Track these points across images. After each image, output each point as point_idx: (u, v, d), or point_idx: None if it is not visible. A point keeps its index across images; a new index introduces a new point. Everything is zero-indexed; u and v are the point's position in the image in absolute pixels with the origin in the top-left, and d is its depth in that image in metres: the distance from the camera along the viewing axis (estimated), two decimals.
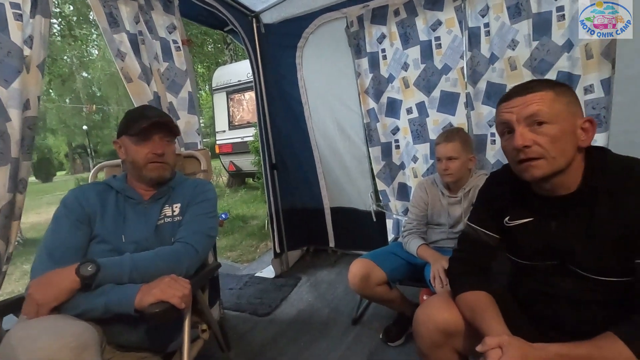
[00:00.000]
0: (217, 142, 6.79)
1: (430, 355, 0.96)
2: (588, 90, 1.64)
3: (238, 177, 7.61)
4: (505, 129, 0.83)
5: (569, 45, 1.66)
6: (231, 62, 9.72)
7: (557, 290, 0.87)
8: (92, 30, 10.52)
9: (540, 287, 0.91)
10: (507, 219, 0.94)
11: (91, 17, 9.98)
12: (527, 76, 1.76)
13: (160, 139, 1.15)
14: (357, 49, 2.25)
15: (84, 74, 18.22)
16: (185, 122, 1.89)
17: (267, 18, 2.50)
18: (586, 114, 1.66)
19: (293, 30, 2.45)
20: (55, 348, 0.71)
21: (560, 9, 1.65)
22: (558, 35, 1.67)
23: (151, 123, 1.11)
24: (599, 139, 1.64)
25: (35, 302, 0.86)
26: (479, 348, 0.74)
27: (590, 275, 0.80)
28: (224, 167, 7.14)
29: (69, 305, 0.89)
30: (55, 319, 0.84)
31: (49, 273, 0.91)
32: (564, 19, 1.65)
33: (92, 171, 1.48)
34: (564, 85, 0.82)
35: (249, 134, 5.91)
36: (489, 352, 0.71)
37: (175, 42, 1.87)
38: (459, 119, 2.02)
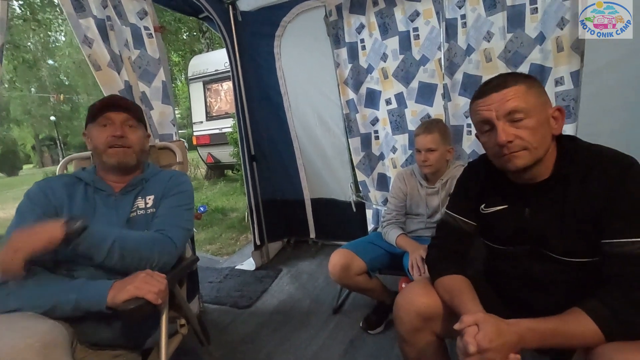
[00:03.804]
0: (195, 134, 6.62)
1: (410, 339, 0.98)
2: (559, 82, 1.70)
3: (217, 169, 7.47)
4: (485, 125, 0.86)
5: (541, 38, 1.70)
6: (207, 51, 9.43)
7: (530, 273, 0.91)
8: (57, 14, 9.93)
9: (513, 271, 0.95)
10: (483, 206, 0.98)
11: (56, 0, 9.43)
12: (501, 68, 1.80)
13: (122, 123, 1.10)
14: (336, 39, 2.23)
15: (50, 62, 17.26)
16: (160, 112, 1.83)
17: (244, 5, 2.43)
18: (557, 105, 1.71)
19: (271, 18, 2.40)
20: (20, 348, 0.68)
21: (533, 2, 1.69)
22: (531, 28, 1.72)
23: (106, 103, 1.08)
24: (568, 129, 1.71)
25: (13, 248, 0.81)
26: (456, 326, 0.77)
27: (561, 257, 0.85)
28: (202, 159, 6.98)
29: (37, 301, 0.86)
30: (20, 318, 0.80)
31: (36, 224, 0.86)
32: (537, 12, 1.69)
33: (60, 164, 1.41)
34: (532, 77, 0.86)
35: (227, 125, 5.79)
36: (467, 329, 0.75)
37: (147, 28, 1.79)
38: (436, 110, 2.05)
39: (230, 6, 2.40)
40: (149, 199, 1.13)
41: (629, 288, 0.73)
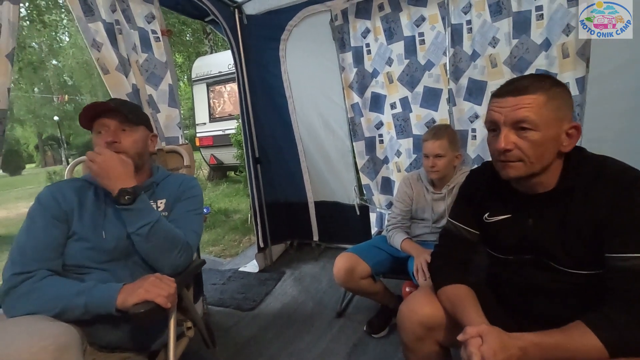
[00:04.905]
0: (198, 135, 6.64)
1: (413, 348, 0.99)
2: None
3: (219, 171, 7.49)
4: (492, 126, 0.85)
5: (546, 44, 1.71)
6: (211, 53, 9.48)
7: (533, 283, 0.91)
8: (63, 15, 10.00)
9: (516, 280, 0.94)
10: (486, 215, 0.97)
11: (61, 1, 9.51)
12: (507, 74, 1.80)
13: (116, 127, 1.09)
14: (342, 43, 2.24)
15: (54, 62, 17.34)
16: (166, 115, 1.84)
17: (249, 9, 2.45)
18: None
19: (277, 22, 2.41)
20: (34, 351, 0.69)
21: (539, 8, 1.69)
22: (537, 34, 1.72)
23: (96, 110, 1.07)
24: None
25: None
26: (460, 337, 0.77)
27: (563, 268, 0.84)
28: (205, 160, 7.00)
29: (47, 304, 0.87)
30: (33, 321, 0.81)
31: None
32: (543, 18, 1.69)
33: (68, 167, 1.42)
34: (560, 86, 0.81)
35: (230, 127, 5.81)
36: (470, 340, 0.74)
37: (154, 32, 1.81)
38: (441, 115, 2.06)
39: (236, 10, 2.42)
40: (160, 202, 1.15)
41: (633, 304, 0.73)
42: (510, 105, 0.79)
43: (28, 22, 8.91)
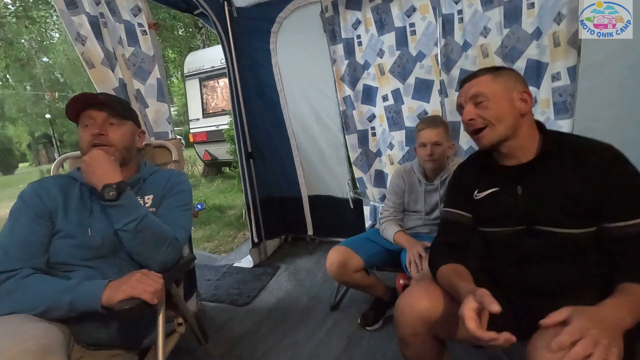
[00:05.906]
0: (191, 131, 6.59)
1: (410, 342, 0.97)
2: (555, 77, 1.69)
3: (214, 166, 7.45)
4: (461, 110, 1.00)
5: (537, 34, 1.70)
6: (204, 47, 9.38)
7: (527, 252, 0.94)
8: (52, 12, 9.82)
9: (510, 252, 0.97)
10: (476, 191, 1.03)
11: None
12: (498, 63, 1.79)
13: (103, 120, 1.07)
14: (332, 35, 2.21)
15: (45, 59, 17.09)
16: (155, 110, 1.81)
17: (239, 1, 2.41)
18: (553, 101, 1.72)
19: (267, 14, 2.38)
20: (15, 352, 0.67)
21: None
22: (528, 23, 1.71)
23: (84, 101, 1.05)
24: (564, 125, 1.71)
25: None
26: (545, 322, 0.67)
27: (556, 229, 0.88)
28: (199, 156, 6.96)
29: (30, 303, 0.85)
30: (15, 321, 0.79)
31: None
32: (534, 7, 1.68)
33: (54, 163, 1.40)
34: (503, 69, 0.98)
35: (223, 122, 5.77)
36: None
37: (141, 25, 1.77)
38: (433, 106, 2.05)
39: (225, 2, 2.37)
40: (148, 198, 1.13)
41: None
42: (466, 89, 0.98)
43: (15, 19, 8.73)
